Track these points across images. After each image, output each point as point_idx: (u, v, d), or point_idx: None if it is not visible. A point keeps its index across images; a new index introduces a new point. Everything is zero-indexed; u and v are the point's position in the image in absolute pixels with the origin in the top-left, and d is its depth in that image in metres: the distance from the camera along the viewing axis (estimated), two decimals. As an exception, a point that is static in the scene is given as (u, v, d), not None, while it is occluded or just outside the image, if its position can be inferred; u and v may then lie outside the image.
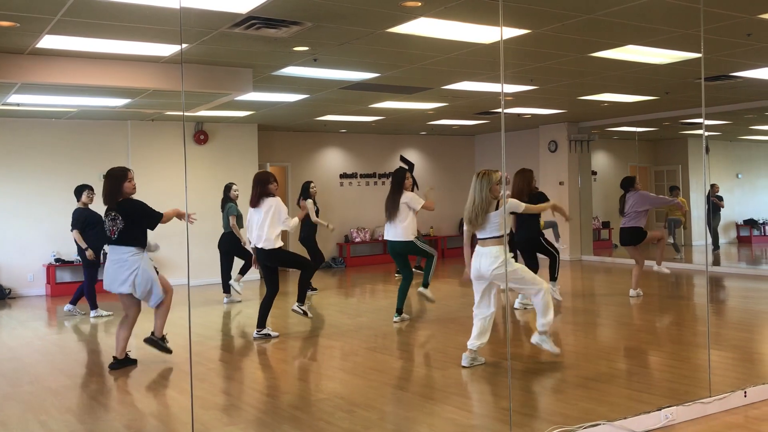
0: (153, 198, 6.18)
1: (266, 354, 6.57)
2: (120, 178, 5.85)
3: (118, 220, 5.76)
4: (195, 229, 10.91)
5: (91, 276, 8.64)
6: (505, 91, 9.83)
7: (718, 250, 14.79)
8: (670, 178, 15.96)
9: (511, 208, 5.65)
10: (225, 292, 9.72)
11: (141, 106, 9.76)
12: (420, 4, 5.45)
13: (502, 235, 5.44)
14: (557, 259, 8.29)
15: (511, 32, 6.37)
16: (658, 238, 9.01)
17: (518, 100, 10.62)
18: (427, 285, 7.87)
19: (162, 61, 7.37)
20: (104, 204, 5.91)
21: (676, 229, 13.71)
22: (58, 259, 10.97)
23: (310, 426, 4.30)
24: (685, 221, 13.67)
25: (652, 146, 16.95)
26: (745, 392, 4.50)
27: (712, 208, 14.44)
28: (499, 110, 11.88)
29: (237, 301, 9.60)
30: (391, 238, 7.68)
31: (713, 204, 14.51)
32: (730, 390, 4.51)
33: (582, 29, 6.37)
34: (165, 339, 6.14)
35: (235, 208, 9.57)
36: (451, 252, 15.62)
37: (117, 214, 5.78)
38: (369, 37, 6.49)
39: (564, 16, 5.92)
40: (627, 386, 5.00)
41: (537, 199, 7.77)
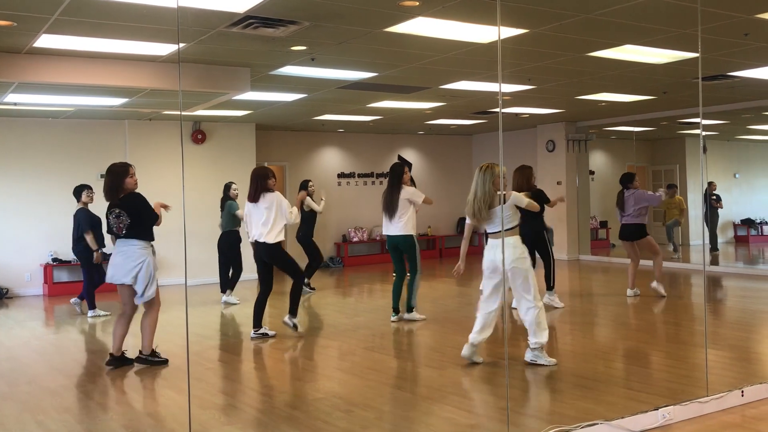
0: (151, 197, 6.14)
1: (264, 354, 6.56)
2: (121, 174, 5.86)
3: (123, 216, 5.78)
4: (193, 229, 11.00)
5: (91, 276, 8.63)
6: (502, 91, 9.84)
7: (717, 251, 14.80)
8: (668, 177, 15.98)
9: (514, 201, 5.58)
10: (223, 292, 9.69)
11: (138, 106, 9.75)
12: (418, 4, 5.44)
13: (517, 226, 5.45)
14: (552, 266, 8.27)
15: (509, 32, 6.37)
16: (655, 252, 8.86)
17: (516, 99, 10.62)
18: (412, 309, 7.75)
19: (159, 61, 7.36)
20: (106, 200, 5.92)
21: (674, 228, 13.70)
22: (55, 259, 10.95)
23: (308, 426, 4.29)
24: (682, 217, 13.64)
25: (649, 146, 16.96)
26: (742, 392, 4.51)
27: (711, 207, 14.45)
28: (497, 110, 11.97)
29: (234, 303, 9.55)
30: (391, 233, 7.65)
31: (711, 202, 14.52)
32: (728, 389, 4.51)
33: (579, 29, 6.37)
34: (156, 352, 6.06)
35: (237, 205, 9.51)
36: (449, 251, 15.62)
37: (121, 210, 5.79)
38: (367, 37, 6.49)
39: (561, 16, 5.93)
40: (624, 386, 5.01)
41: (536, 197, 7.76)
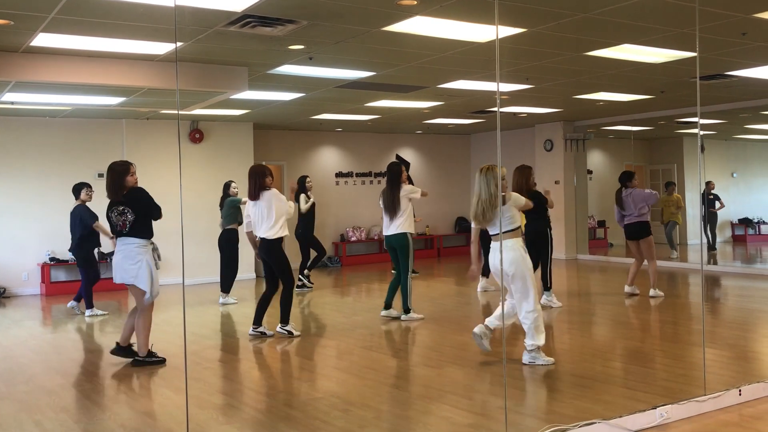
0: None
1: (262, 353, 6.56)
2: (122, 172, 5.90)
3: (128, 213, 5.81)
4: (191, 228, 11.00)
5: (88, 275, 8.62)
6: (500, 90, 9.84)
7: (715, 251, 14.82)
8: (666, 176, 16.00)
9: (514, 201, 5.55)
10: (223, 291, 9.64)
11: (136, 105, 9.73)
12: (416, 3, 5.44)
13: (518, 227, 5.44)
14: (548, 266, 8.26)
15: (507, 31, 6.37)
16: (650, 258, 8.81)
17: (514, 98, 10.62)
18: (408, 310, 7.76)
19: (157, 60, 7.35)
20: (108, 197, 5.95)
21: (672, 230, 13.72)
22: (52, 258, 10.93)
23: (306, 425, 4.29)
24: (678, 214, 13.63)
25: (647, 145, 16.98)
26: (740, 390, 4.51)
27: (708, 205, 14.46)
28: (495, 109, 11.95)
29: (231, 303, 9.53)
30: (389, 232, 7.70)
31: (710, 201, 14.53)
32: (725, 388, 4.52)
33: (577, 28, 6.37)
34: (152, 352, 6.06)
35: (239, 198, 9.41)
36: (447, 251, 15.63)
37: (126, 207, 5.82)
38: (364, 36, 6.48)
39: (559, 15, 5.93)
40: (622, 385, 5.01)
41: (534, 197, 7.78)
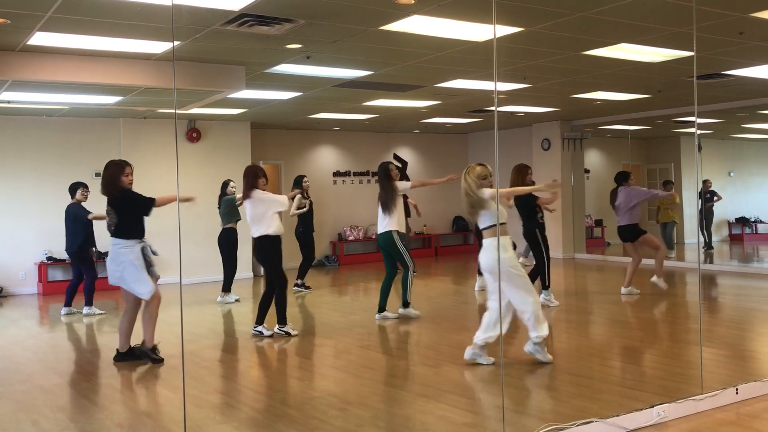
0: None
1: (259, 352, 6.56)
2: (116, 172, 5.94)
3: (111, 215, 5.94)
4: (188, 227, 10.98)
5: (88, 274, 8.67)
6: (498, 89, 9.84)
7: (712, 250, 14.83)
8: (663, 176, 16.00)
9: (484, 195, 5.48)
10: (223, 290, 9.60)
11: (133, 104, 9.72)
12: (413, 2, 5.44)
13: (494, 225, 5.42)
14: (546, 265, 8.25)
15: (504, 30, 6.37)
16: (656, 247, 8.86)
17: (511, 98, 10.62)
18: (407, 303, 7.77)
19: (154, 59, 7.34)
20: (102, 194, 6.05)
21: (671, 231, 13.73)
22: (50, 258, 10.91)
23: (303, 424, 4.29)
24: (675, 211, 13.65)
25: (644, 144, 16.99)
26: (737, 389, 4.52)
27: (705, 202, 14.48)
28: (493, 108, 11.96)
29: (231, 301, 9.51)
30: (378, 231, 7.75)
31: (706, 199, 14.54)
32: (722, 387, 4.52)
33: (575, 27, 6.38)
34: (156, 349, 6.06)
35: (234, 197, 9.40)
36: (445, 250, 15.63)
37: (110, 208, 5.95)
38: (362, 35, 6.48)
39: (557, 14, 5.93)
40: (620, 384, 5.02)
41: (525, 196, 7.84)
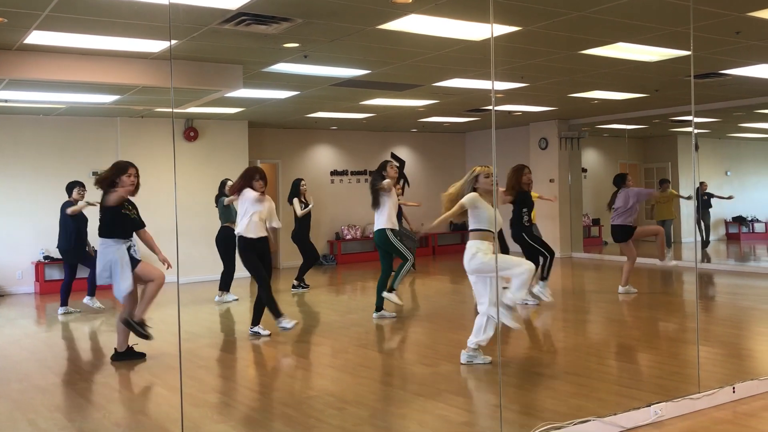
0: (142, 195, 6.13)
1: (257, 351, 6.56)
2: (118, 172, 5.92)
3: (100, 214, 6.03)
4: (185, 227, 10.97)
5: (72, 272, 8.74)
6: (495, 89, 9.84)
7: (709, 242, 14.86)
8: (660, 175, 16.04)
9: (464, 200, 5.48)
10: (221, 290, 9.59)
11: (130, 103, 9.71)
12: (410, 1, 5.44)
13: (476, 230, 5.43)
14: (548, 260, 8.27)
15: (502, 29, 6.37)
16: (654, 233, 8.91)
17: (509, 97, 10.63)
18: (392, 289, 7.75)
19: (151, 58, 7.33)
20: (94, 185, 6.16)
21: (668, 229, 13.75)
22: (47, 257, 10.89)
23: (301, 423, 4.29)
24: (672, 208, 13.67)
25: (641, 143, 17.02)
26: (734, 388, 4.53)
27: (702, 205, 14.50)
28: (490, 107, 11.96)
29: (230, 301, 9.50)
30: (374, 230, 7.77)
31: (704, 201, 14.57)
32: (719, 386, 4.54)
33: (572, 26, 6.38)
34: (145, 324, 6.04)
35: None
36: (442, 249, 15.63)
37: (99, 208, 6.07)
38: (359, 34, 6.48)
39: (554, 14, 5.93)
40: (616, 382, 5.02)
41: (521, 197, 7.86)
